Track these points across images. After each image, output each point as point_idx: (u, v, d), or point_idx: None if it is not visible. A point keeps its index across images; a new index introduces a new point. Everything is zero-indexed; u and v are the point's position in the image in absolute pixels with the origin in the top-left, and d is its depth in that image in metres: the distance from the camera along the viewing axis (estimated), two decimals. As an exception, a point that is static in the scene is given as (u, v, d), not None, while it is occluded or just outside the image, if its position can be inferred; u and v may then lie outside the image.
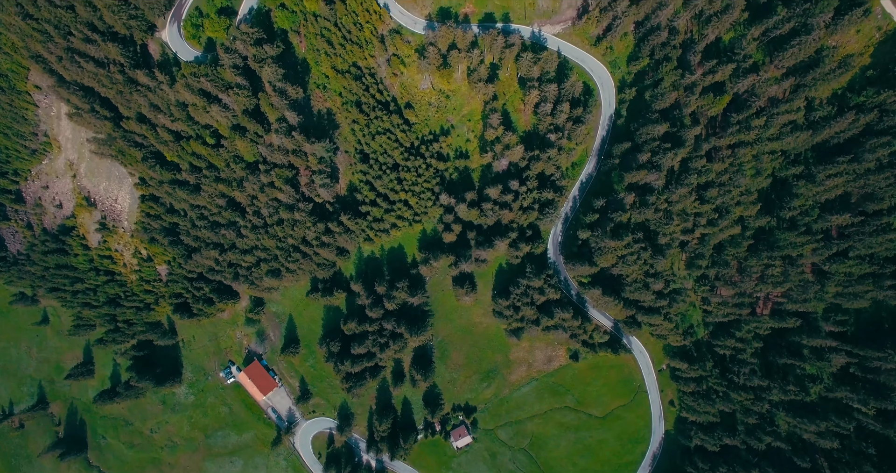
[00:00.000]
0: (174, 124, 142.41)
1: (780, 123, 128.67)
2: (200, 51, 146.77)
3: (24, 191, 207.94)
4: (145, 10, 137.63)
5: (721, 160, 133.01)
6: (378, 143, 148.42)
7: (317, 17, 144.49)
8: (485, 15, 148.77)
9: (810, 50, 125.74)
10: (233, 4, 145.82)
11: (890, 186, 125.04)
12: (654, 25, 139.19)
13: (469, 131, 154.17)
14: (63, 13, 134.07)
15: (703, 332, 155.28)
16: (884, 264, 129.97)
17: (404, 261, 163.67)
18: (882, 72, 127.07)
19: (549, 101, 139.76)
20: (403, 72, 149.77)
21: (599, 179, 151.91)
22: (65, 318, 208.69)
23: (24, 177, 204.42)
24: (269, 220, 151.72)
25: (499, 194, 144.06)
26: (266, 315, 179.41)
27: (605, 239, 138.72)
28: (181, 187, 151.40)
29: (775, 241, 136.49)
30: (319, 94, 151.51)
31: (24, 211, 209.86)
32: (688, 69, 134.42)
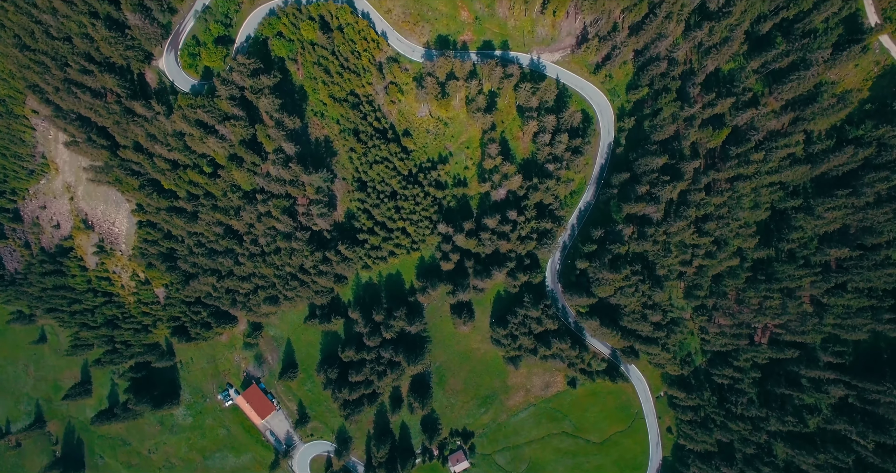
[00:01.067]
0: (171, 154, 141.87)
1: (780, 156, 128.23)
2: (197, 79, 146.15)
3: (22, 210, 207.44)
4: (142, 40, 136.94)
5: (720, 193, 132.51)
6: (376, 171, 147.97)
7: (314, 46, 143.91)
8: (483, 42, 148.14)
9: (809, 84, 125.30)
10: (230, 33, 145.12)
11: (889, 220, 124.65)
12: (653, 55, 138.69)
13: (467, 159, 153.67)
14: (60, 45, 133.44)
15: (701, 359, 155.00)
16: (882, 297, 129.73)
17: (402, 287, 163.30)
18: (880, 106, 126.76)
19: (548, 131, 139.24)
20: (401, 100, 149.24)
21: (598, 207, 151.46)
22: (62, 337, 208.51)
23: (21, 196, 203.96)
24: (266, 248, 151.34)
25: (497, 224, 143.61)
26: (264, 339, 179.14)
27: (603, 271, 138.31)
28: (178, 215, 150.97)
29: (774, 273, 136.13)
30: (317, 121, 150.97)
31: (21, 230, 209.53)
32: (687, 101, 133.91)
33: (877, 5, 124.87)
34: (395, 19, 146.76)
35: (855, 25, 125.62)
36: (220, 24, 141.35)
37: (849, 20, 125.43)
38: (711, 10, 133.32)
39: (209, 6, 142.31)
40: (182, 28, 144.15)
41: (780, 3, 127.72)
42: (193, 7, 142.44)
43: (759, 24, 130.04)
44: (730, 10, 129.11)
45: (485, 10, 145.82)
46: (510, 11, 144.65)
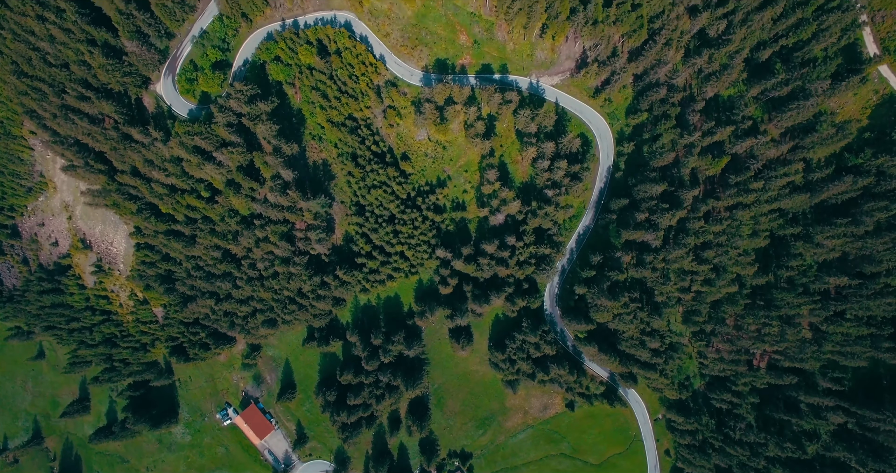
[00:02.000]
0: (168, 179, 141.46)
1: (779, 185, 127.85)
2: (195, 103, 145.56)
3: (20, 226, 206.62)
4: (139, 66, 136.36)
5: (719, 221, 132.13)
6: (374, 196, 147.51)
7: (312, 70, 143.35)
8: (482, 66, 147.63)
9: (809, 114, 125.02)
10: (227, 57, 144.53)
11: (888, 249, 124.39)
12: (652, 81, 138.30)
13: (466, 182, 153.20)
14: (57, 72, 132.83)
15: (699, 383, 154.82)
16: (882, 325, 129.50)
17: (400, 310, 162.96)
18: (879, 134, 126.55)
19: (547, 157, 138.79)
20: (399, 123, 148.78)
21: (597, 231, 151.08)
22: (61, 353, 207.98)
23: (19, 212, 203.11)
24: (264, 272, 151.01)
25: (495, 250, 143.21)
26: (262, 359, 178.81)
27: (602, 297, 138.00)
28: (176, 239, 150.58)
29: (772, 300, 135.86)
30: (315, 145, 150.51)
31: (19, 246, 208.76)
32: (686, 129, 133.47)
33: (875, 35, 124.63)
34: (393, 43, 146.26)
35: (854, 54, 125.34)
36: (218, 49, 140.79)
37: (848, 49, 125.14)
38: (711, 37, 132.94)
39: (206, 31, 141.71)
40: (179, 52, 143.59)
41: (779, 32, 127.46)
42: (191, 32, 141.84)
43: (759, 52, 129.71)
44: (729, 37, 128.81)
45: (483, 34, 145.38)
46: (509, 35, 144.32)
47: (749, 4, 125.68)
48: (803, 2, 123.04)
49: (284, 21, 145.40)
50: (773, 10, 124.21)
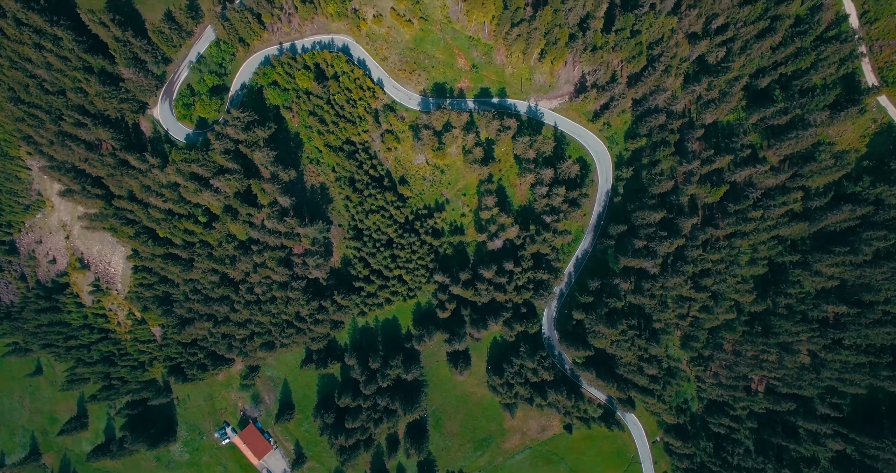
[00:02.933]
0: (165, 204, 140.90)
1: (778, 214, 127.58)
2: (192, 128, 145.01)
3: (18, 242, 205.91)
4: (136, 92, 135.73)
5: (717, 250, 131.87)
6: (372, 220, 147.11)
7: (309, 95, 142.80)
8: (481, 90, 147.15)
9: (808, 143, 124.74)
10: (224, 82, 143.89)
11: (887, 279, 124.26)
12: (651, 107, 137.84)
13: (464, 206, 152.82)
14: (54, 99, 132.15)
15: (697, 406, 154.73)
16: (880, 353, 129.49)
17: (399, 332, 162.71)
18: (878, 163, 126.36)
19: (545, 183, 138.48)
20: (397, 147, 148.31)
21: (595, 256, 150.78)
22: (59, 369, 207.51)
23: (17, 229, 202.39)
24: (262, 297, 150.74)
25: (493, 275, 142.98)
26: (261, 379, 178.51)
27: (600, 324, 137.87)
28: (174, 263, 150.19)
29: (770, 327, 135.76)
30: (313, 169, 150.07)
31: (17, 262, 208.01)
32: (685, 157, 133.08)
33: (873, 64, 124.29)
34: (391, 67, 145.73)
35: (853, 83, 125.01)
36: (215, 74, 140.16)
37: (846, 79, 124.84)
38: (710, 64, 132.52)
39: (203, 56, 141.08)
40: (177, 77, 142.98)
41: (778, 60, 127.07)
42: (188, 57, 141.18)
43: (758, 79, 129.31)
44: (728, 65, 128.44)
45: (482, 58, 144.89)
46: (508, 59, 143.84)
47: (748, 33, 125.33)
48: (802, 32, 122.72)
49: (282, 45, 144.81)
50: (773, 40, 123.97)
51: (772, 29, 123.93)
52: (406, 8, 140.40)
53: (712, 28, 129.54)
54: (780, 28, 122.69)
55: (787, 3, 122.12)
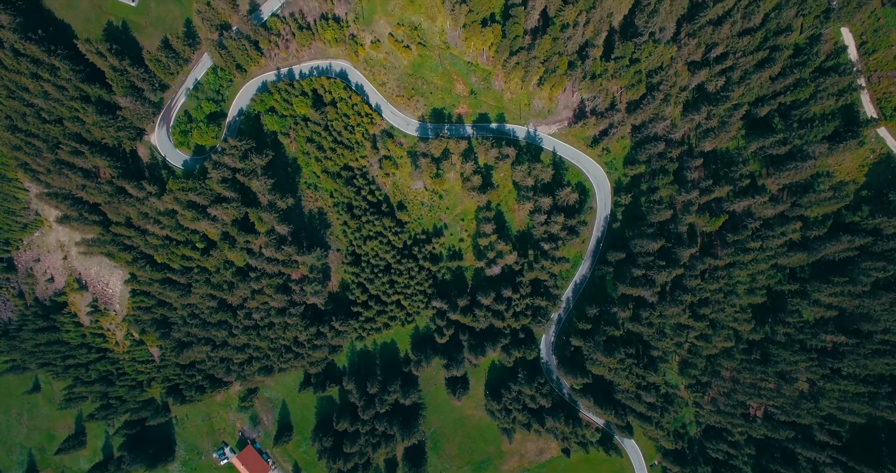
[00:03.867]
0: (163, 231, 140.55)
1: (776, 245, 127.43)
2: (189, 154, 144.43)
3: (16, 259, 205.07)
4: (133, 119, 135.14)
5: (716, 280, 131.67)
6: (370, 246, 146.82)
7: (307, 121, 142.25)
8: (479, 115, 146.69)
9: (806, 174, 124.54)
10: (222, 108, 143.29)
11: (885, 310, 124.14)
12: (650, 134, 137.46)
13: (462, 230, 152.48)
14: (51, 127, 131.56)
15: (695, 430, 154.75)
16: (878, 383, 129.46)
17: (397, 356, 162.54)
18: (877, 193, 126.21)
19: (543, 211, 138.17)
20: (395, 173, 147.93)
21: (593, 281, 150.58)
22: (57, 387, 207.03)
23: (15, 246, 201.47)
24: (260, 322, 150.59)
25: (491, 302, 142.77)
26: (259, 400, 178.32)
27: (598, 352, 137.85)
28: (172, 288, 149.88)
29: (769, 355, 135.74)
30: (310, 194, 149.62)
31: (15, 280, 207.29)
32: (684, 186, 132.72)
33: (872, 95, 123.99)
34: (389, 92, 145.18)
35: (852, 114, 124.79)
36: (212, 101, 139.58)
37: (846, 109, 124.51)
38: (709, 92, 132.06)
39: (200, 82, 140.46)
40: (174, 103, 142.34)
41: (778, 89, 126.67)
42: (185, 84, 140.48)
43: (758, 107, 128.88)
44: (728, 94, 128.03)
45: (480, 84, 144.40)
46: (506, 85, 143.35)
47: (748, 63, 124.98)
48: (801, 63, 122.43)
49: (279, 70, 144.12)
50: (772, 70, 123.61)
51: (771, 59, 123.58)
52: (404, 34, 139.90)
53: (711, 57, 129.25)
54: (778, 59, 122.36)
55: (786, 34, 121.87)
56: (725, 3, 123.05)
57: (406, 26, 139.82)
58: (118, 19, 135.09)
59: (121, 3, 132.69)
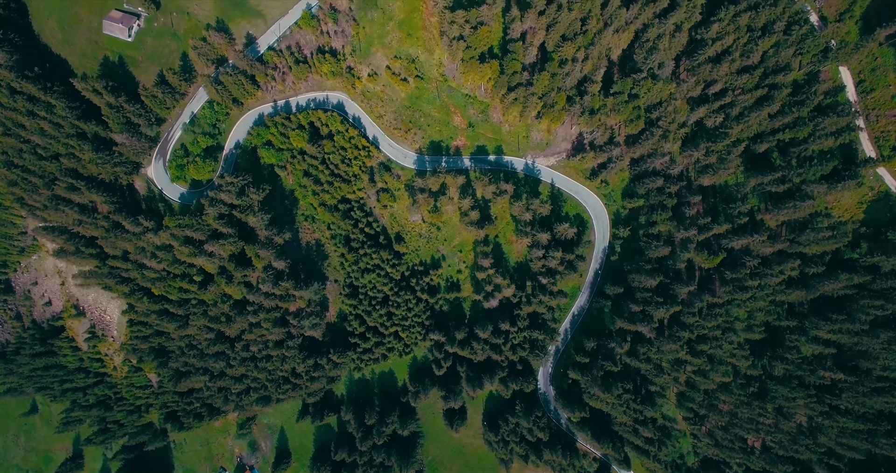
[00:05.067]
0: (160, 265, 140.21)
1: (775, 282, 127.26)
2: (186, 187, 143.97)
3: (14, 282, 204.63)
4: (130, 154, 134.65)
5: (714, 317, 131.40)
6: (367, 279, 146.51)
7: (304, 155, 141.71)
8: (477, 147, 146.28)
9: (805, 213, 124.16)
10: (218, 141, 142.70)
11: (884, 349, 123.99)
12: (649, 169, 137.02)
13: (460, 262, 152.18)
14: (47, 164, 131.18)
15: (693, 460, 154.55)
16: (878, 420, 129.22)
17: (395, 385, 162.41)
18: (875, 231, 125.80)
19: (542, 246, 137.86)
20: (393, 205, 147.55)
21: (591, 313, 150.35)
22: (55, 408, 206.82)
23: (12, 268, 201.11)
24: (258, 354, 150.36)
25: (489, 335, 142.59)
26: (258, 426, 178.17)
27: (595, 387, 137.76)
28: (169, 319, 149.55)
29: (767, 390, 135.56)
30: (308, 226, 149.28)
31: (13, 302, 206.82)
32: (682, 223, 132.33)
33: (870, 133, 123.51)
34: (386, 125, 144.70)
35: (851, 152, 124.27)
36: (208, 135, 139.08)
37: (844, 148, 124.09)
38: (708, 127, 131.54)
39: (197, 116, 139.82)
40: (170, 136, 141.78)
41: (777, 127, 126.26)
42: (181, 117, 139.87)
43: (757, 144, 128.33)
44: (727, 131, 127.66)
45: (479, 116, 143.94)
46: (505, 117, 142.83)
47: (746, 101, 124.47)
48: (800, 102, 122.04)
49: (276, 102, 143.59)
50: (771, 108, 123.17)
51: (769, 97, 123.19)
52: (401, 66, 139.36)
53: (710, 93, 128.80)
54: (777, 97, 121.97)
55: (785, 73, 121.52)
56: (724, 41, 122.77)
57: (403, 59, 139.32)
58: (114, 54, 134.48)
59: (117, 38, 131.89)
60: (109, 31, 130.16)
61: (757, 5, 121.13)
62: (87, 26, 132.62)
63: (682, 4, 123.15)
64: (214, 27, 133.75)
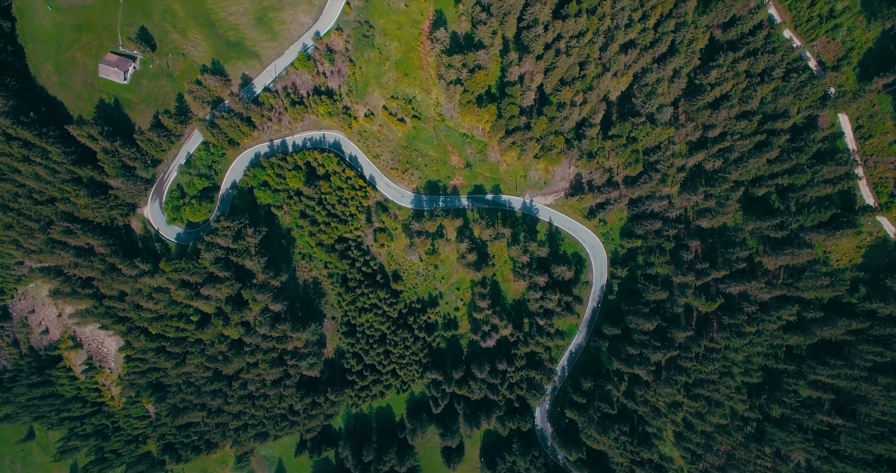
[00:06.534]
0: (157, 306, 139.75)
1: (773, 328, 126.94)
2: (183, 228, 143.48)
3: (11, 308, 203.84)
4: (125, 197, 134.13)
5: (711, 362, 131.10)
6: (365, 318, 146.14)
7: (300, 196, 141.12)
8: (474, 187, 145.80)
9: (803, 260, 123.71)
10: (215, 181, 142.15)
11: (883, 396, 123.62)
12: (647, 211, 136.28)
13: (458, 299, 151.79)
14: (43, 208, 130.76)
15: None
16: (877, 466, 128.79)
17: (393, 419, 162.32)
18: (874, 277, 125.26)
19: (539, 288, 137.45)
20: (391, 244, 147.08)
21: (588, 351, 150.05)
22: (52, 435, 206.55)
23: (9, 295, 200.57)
24: (255, 393, 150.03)
25: (486, 375, 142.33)
26: (256, 458, 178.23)
27: (592, 428, 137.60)
28: (167, 358, 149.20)
29: (765, 433, 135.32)
30: (305, 264, 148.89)
31: (10, 328, 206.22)
32: (680, 266, 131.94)
33: (868, 179, 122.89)
34: (383, 164, 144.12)
35: (849, 198, 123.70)
36: (204, 177, 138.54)
37: (843, 194, 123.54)
38: (707, 170, 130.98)
39: (192, 156, 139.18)
40: (167, 176, 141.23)
41: (776, 171, 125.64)
42: (177, 158, 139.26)
43: (756, 187, 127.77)
44: (726, 175, 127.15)
45: (476, 156, 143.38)
46: (502, 157, 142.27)
47: (745, 146, 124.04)
48: (798, 148, 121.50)
49: (272, 142, 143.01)
50: (770, 154, 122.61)
51: (768, 143, 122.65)
52: (398, 106, 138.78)
53: (709, 137, 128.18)
54: (776, 143, 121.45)
55: (784, 120, 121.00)
56: (723, 86, 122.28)
57: (400, 99, 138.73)
58: (110, 97, 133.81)
59: (112, 82, 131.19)
60: (105, 74, 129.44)
61: (756, 52, 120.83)
62: (84, 69, 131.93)
63: (681, 50, 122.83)
64: (210, 69, 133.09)
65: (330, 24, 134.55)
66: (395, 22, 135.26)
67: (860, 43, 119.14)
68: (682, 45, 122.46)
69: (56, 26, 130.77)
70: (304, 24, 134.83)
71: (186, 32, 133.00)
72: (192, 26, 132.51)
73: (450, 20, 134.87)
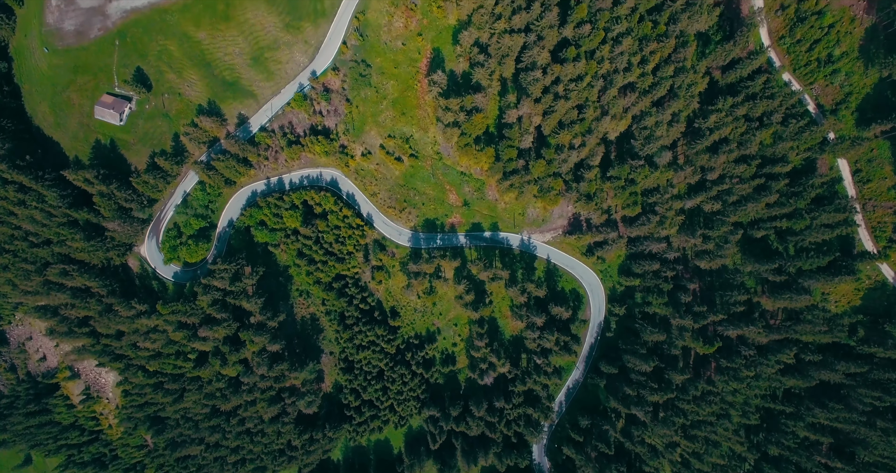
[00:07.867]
0: (154, 345, 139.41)
1: (771, 372, 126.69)
2: (180, 266, 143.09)
3: (8, 333, 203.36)
4: (122, 238, 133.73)
5: (709, 404, 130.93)
6: (362, 355, 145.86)
7: (297, 235, 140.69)
8: (472, 225, 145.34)
9: (802, 304, 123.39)
10: (212, 219, 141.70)
11: (882, 441, 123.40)
12: (645, 251, 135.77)
13: (455, 335, 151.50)
14: (39, 251, 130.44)
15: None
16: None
17: (391, 452, 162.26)
18: (873, 321, 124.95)
19: (537, 328, 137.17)
20: (388, 282, 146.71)
21: (586, 387, 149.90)
22: (49, 462, 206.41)
23: (7, 321, 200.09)
24: (253, 429, 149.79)
25: (484, 413, 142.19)
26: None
27: (589, 468, 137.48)
28: (164, 394, 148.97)
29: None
30: (302, 301, 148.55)
31: (7, 353, 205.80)
32: (678, 309, 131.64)
33: (867, 223, 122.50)
34: (380, 203, 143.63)
35: (848, 242, 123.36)
36: (200, 217, 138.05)
37: (842, 239, 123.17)
38: (706, 212, 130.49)
39: (189, 197, 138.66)
40: (163, 215, 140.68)
41: (774, 215, 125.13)
42: (173, 197, 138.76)
43: (754, 229, 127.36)
44: (724, 218, 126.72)
45: (474, 194, 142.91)
46: (500, 195, 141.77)
47: (743, 190, 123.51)
48: (797, 193, 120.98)
49: (269, 179, 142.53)
50: (768, 199, 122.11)
51: (767, 187, 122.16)
52: (395, 145, 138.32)
53: (708, 180, 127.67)
54: (774, 187, 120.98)
55: (783, 164, 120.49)
56: (722, 131, 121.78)
57: (398, 138, 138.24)
58: (106, 138, 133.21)
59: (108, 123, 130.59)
60: (101, 116, 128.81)
61: (755, 96, 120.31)
62: (80, 110, 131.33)
63: (680, 94, 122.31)
64: (206, 110, 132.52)
65: (326, 63, 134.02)
66: (392, 60, 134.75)
67: (858, 88, 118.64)
68: (682, 90, 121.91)
69: (52, 68, 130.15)
70: (300, 63, 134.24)
71: (182, 72, 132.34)
72: (188, 66, 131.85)
73: (447, 58, 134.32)
